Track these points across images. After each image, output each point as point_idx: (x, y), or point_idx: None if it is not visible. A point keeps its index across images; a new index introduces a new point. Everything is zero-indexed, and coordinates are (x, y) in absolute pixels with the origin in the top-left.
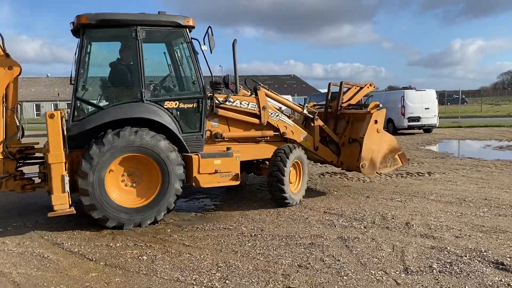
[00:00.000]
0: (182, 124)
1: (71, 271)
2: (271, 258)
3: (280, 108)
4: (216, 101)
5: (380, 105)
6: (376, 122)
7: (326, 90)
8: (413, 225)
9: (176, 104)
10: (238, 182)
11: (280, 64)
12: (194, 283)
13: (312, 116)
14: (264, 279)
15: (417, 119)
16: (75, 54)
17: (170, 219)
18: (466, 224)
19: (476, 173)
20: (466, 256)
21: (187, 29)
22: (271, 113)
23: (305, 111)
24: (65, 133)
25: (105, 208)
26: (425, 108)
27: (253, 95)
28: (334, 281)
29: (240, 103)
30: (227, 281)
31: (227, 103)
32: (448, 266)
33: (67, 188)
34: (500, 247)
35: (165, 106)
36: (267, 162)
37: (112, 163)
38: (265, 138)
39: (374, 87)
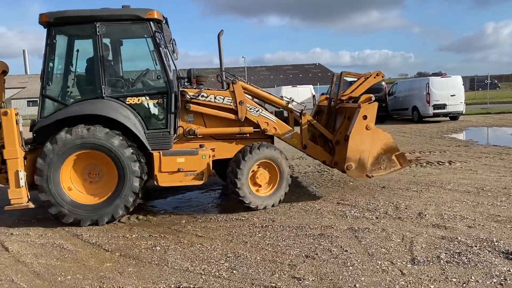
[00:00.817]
0: (147, 121)
1: (88, 261)
2: (279, 249)
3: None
4: (188, 96)
5: (373, 98)
6: (365, 117)
7: (352, 79)
8: (426, 215)
9: (139, 100)
10: (202, 182)
11: (306, 52)
12: (203, 272)
13: (299, 111)
14: (270, 269)
15: (443, 106)
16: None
17: (186, 210)
18: (481, 214)
19: (499, 161)
20: (476, 246)
21: (150, 22)
22: (250, 108)
23: (289, 106)
24: (21, 130)
25: (61, 204)
26: (451, 95)
27: (229, 89)
28: (339, 271)
29: (215, 98)
30: (234, 271)
31: (200, 98)
32: (456, 257)
33: (22, 183)
34: None
35: (127, 103)
36: None
37: (67, 160)
38: (245, 135)
39: (383, 76)
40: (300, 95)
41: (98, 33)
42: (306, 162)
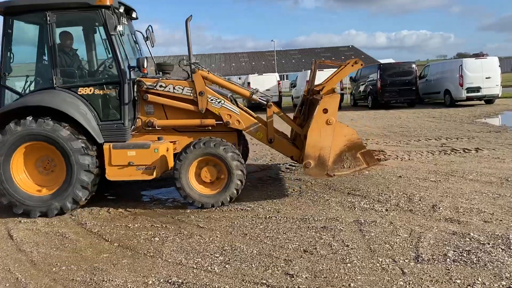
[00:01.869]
0: (100, 112)
1: (85, 252)
2: (278, 242)
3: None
4: (145, 86)
5: (336, 90)
6: (325, 111)
7: (388, 60)
8: (439, 208)
9: (91, 90)
10: (152, 177)
11: (341, 34)
12: (195, 266)
13: (265, 103)
14: (264, 264)
15: (477, 89)
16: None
17: None
18: (501, 207)
19: None
20: (489, 244)
21: (101, 10)
22: (212, 99)
23: (254, 96)
24: None
25: (11, 195)
26: (486, 78)
27: (189, 79)
28: (336, 269)
29: (174, 88)
30: (226, 266)
31: (158, 88)
32: (465, 255)
33: None
34: None
35: (78, 93)
36: None
37: (17, 151)
38: (208, 128)
39: (362, 65)
40: (324, 78)
41: (49, 22)
42: None
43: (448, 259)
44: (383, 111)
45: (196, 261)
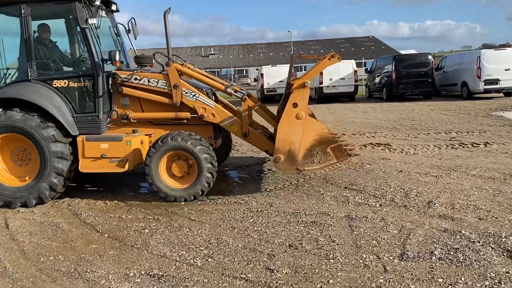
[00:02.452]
0: (75, 104)
1: (75, 242)
2: (265, 236)
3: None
4: (120, 79)
5: (307, 84)
6: (295, 105)
7: (409, 51)
8: (435, 204)
9: (65, 83)
10: (125, 169)
11: (362, 25)
12: (178, 259)
13: (240, 96)
14: (247, 258)
15: (495, 81)
16: None
17: None
18: (500, 204)
19: None
20: (479, 242)
21: (75, 3)
22: (186, 92)
23: (229, 90)
24: None
25: None
26: (505, 69)
27: (164, 72)
28: (317, 265)
29: (148, 81)
30: (209, 259)
31: (133, 80)
32: (452, 253)
33: None
34: None
35: (53, 85)
36: None
37: None
38: (183, 121)
39: (338, 58)
40: (341, 70)
41: (23, 15)
42: None
43: (433, 257)
44: (398, 104)
45: (180, 254)
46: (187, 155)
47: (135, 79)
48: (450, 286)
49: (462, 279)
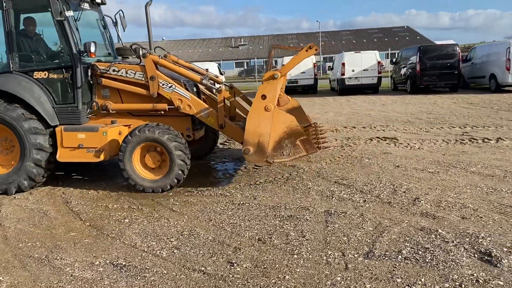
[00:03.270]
0: (55, 95)
1: (57, 229)
2: (237, 230)
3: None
4: (99, 71)
5: (277, 75)
6: (264, 97)
7: (448, 42)
8: (421, 201)
9: (45, 74)
10: (100, 159)
11: (401, 14)
12: (146, 250)
13: (215, 88)
14: (212, 251)
15: None
16: None
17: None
18: (490, 203)
19: None
20: (453, 242)
21: None
22: (163, 84)
23: (204, 81)
24: None
25: None
26: None
27: (141, 63)
28: (279, 260)
29: (126, 72)
30: (175, 251)
31: (111, 72)
32: (421, 253)
33: None
34: (506, 233)
35: (34, 77)
36: None
37: None
38: (160, 112)
39: (316, 50)
40: (364, 61)
41: (5, 8)
42: (334, 135)
43: (400, 256)
44: (421, 96)
45: (149, 245)
46: (158, 145)
47: (114, 70)
48: (407, 287)
49: (422, 280)
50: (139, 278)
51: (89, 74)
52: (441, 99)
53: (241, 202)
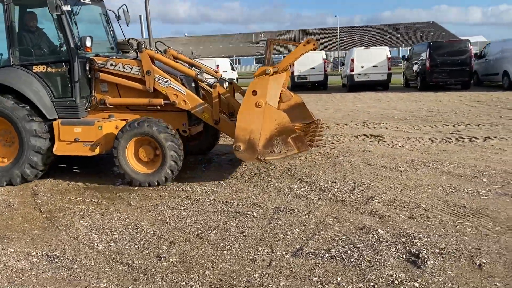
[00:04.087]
0: (54, 89)
1: (13, 221)
2: (181, 225)
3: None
4: (97, 65)
5: (268, 71)
6: (254, 93)
7: (477, 38)
8: (375, 200)
9: (44, 68)
10: (96, 153)
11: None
12: (84, 242)
13: (211, 83)
14: (148, 245)
15: None
16: None
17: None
18: (445, 204)
19: None
20: (387, 242)
21: None
22: (159, 79)
23: (199, 76)
24: None
25: None
26: None
27: (138, 58)
28: (207, 255)
29: (123, 67)
30: (112, 244)
31: (109, 66)
32: (349, 252)
33: None
34: (446, 235)
35: (33, 71)
36: None
37: None
38: (156, 107)
39: (314, 45)
40: (373, 57)
41: (5, 3)
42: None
43: (327, 255)
44: (429, 93)
45: (90, 238)
46: (154, 141)
47: (111, 65)
48: (320, 286)
49: (338, 279)
50: (65, 269)
51: (87, 68)
52: (448, 96)
53: (198, 198)
